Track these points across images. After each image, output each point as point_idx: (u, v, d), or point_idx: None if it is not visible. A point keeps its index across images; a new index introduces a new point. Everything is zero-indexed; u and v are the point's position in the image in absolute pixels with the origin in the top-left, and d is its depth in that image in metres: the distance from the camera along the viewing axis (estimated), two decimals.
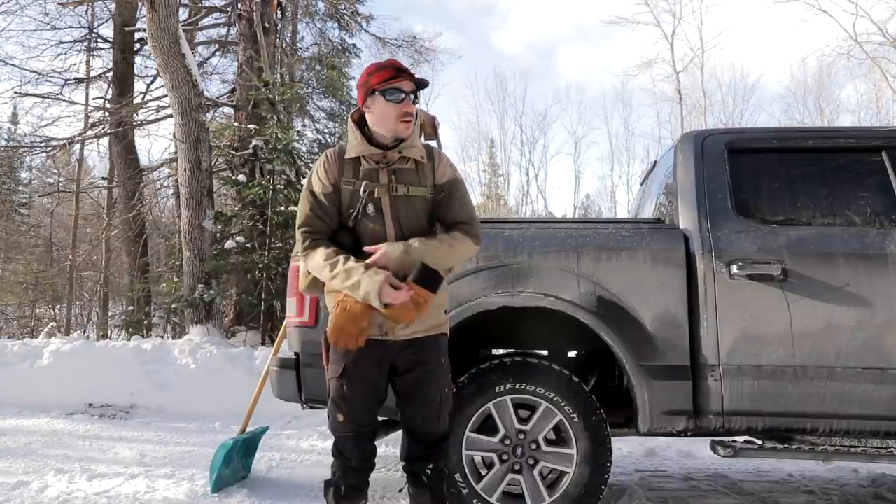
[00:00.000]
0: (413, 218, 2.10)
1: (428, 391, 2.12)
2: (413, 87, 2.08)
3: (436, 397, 2.13)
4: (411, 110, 2.08)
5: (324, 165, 2.12)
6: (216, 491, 3.14)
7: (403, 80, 2.06)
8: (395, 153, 2.09)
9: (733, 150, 2.88)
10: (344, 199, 2.10)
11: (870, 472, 3.79)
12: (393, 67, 2.09)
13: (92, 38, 12.38)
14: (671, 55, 24.31)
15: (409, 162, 2.11)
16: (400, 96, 2.05)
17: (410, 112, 2.08)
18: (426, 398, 2.12)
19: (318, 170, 2.14)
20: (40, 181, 23.51)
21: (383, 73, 2.06)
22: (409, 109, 2.07)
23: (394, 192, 2.08)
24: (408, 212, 2.09)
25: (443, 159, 2.20)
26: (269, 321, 8.27)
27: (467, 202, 2.20)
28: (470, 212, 2.18)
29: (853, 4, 24.20)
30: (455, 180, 2.17)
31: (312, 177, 2.15)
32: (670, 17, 25.32)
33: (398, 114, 2.05)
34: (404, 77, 2.06)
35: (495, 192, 30.96)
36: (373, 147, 2.09)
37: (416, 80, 2.09)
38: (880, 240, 2.65)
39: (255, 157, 8.72)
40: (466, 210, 2.17)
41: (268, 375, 3.22)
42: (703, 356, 2.62)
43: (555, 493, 2.63)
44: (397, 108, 2.05)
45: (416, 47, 14.50)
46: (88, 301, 16.18)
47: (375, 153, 2.09)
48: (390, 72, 2.06)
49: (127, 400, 5.75)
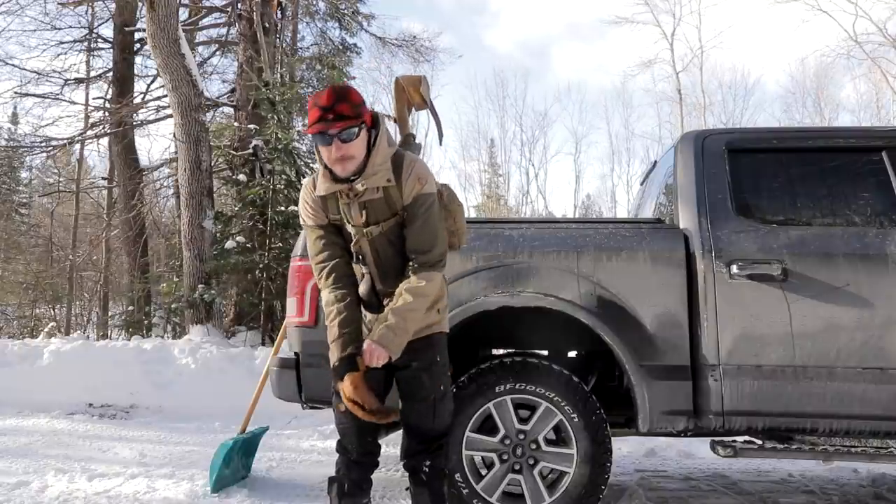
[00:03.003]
0: (392, 253, 2.11)
1: (421, 388, 2.14)
2: (344, 125, 1.92)
3: (430, 394, 2.14)
4: (346, 152, 1.95)
5: (308, 206, 2.14)
6: (216, 491, 3.14)
7: (329, 123, 1.91)
8: (359, 185, 2.02)
9: (733, 150, 2.88)
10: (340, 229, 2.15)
11: (870, 472, 3.79)
12: (318, 107, 1.93)
13: (92, 38, 12.37)
14: (671, 55, 24.34)
15: (378, 190, 2.04)
16: (327, 140, 1.95)
17: (345, 154, 1.95)
18: (420, 395, 2.15)
19: (305, 208, 2.16)
20: (40, 181, 23.51)
21: (312, 113, 1.94)
22: (341, 153, 1.95)
23: (369, 237, 2.08)
24: (386, 248, 2.10)
25: (412, 173, 2.05)
26: (269, 321, 8.26)
27: (428, 225, 2.06)
28: (427, 236, 2.05)
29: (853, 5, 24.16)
30: (417, 199, 2.04)
31: (302, 212, 2.18)
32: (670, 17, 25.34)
33: (331, 158, 1.98)
34: (329, 118, 1.91)
35: (495, 192, 30.95)
36: (337, 184, 2.05)
37: (353, 113, 1.93)
38: (880, 240, 2.65)
39: (255, 157, 8.72)
40: (422, 238, 2.05)
41: (268, 375, 3.22)
42: (703, 356, 2.62)
43: (555, 493, 2.63)
44: (328, 151, 1.97)
45: (416, 47, 14.48)
46: (88, 301, 16.17)
47: (342, 188, 2.05)
48: (316, 112, 1.93)
49: (127, 400, 5.75)
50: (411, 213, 2.05)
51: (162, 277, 10.62)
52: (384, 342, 1.97)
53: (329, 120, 1.92)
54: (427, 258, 2.05)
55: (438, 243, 2.08)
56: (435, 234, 2.08)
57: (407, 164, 2.07)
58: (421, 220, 2.05)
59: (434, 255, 2.06)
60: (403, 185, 2.04)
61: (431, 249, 2.06)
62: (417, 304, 2.02)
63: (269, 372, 3.13)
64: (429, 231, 2.07)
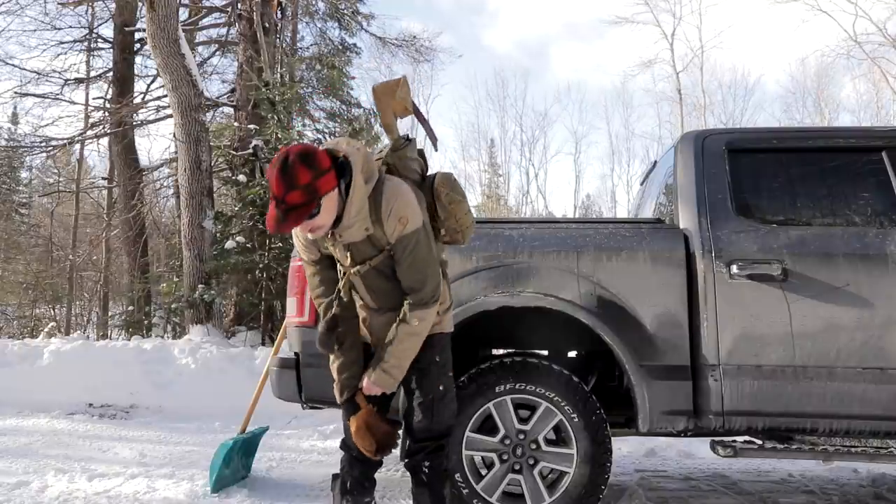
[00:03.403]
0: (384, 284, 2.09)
1: (419, 387, 2.14)
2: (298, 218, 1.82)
3: (428, 394, 2.14)
4: (313, 226, 1.89)
5: (300, 241, 2.14)
6: (216, 491, 3.14)
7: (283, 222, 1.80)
8: (337, 236, 1.99)
9: (733, 150, 2.88)
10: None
11: (870, 472, 3.79)
12: (271, 196, 1.82)
13: (92, 38, 12.37)
14: (671, 55, 24.35)
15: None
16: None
17: (313, 228, 1.90)
18: (418, 394, 2.15)
19: (297, 243, 2.17)
20: (40, 181, 23.50)
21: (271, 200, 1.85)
22: (308, 229, 1.91)
23: (358, 274, 2.07)
24: (377, 281, 2.09)
25: (391, 213, 1.95)
26: (269, 321, 8.27)
27: (415, 262, 2.00)
28: (416, 276, 2.01)
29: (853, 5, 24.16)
30: (400, 241, 1.97)
31: (296, 245, 2.19)
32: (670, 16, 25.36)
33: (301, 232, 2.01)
34: (282, 213, 1.80)
35: (495, 192, 30.96)
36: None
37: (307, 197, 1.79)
38: (880, 240, 2.65)
39: (255, 157, 8.72)
40: (411, 275, 2.01)
41: (268, 375, 3.22)
42: (703, 356, 2.62)
43: (555, 493, 2.63)
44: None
45: (415, 47, 14.48)
46: (88, 301, 16.16)
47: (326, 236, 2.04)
48: (271, 203, 1.83)
49: (127, 400, 5.75)
50: (397, 253, 2.00)
51: (162, 277, 10.62)
52: (380, 383, 2.05)
53: (282, 217, 1.80)
54: (419, 297, 2.01)
55: (429, 280, 2.02)
56: (424, 271, 2.02)
57: (386, 202, 1.96)
58: (407, 261, 2.00)
59: (426, 293, 2.02)
60: (385, 226, 1.97)
61: (422, 287, 2.01)
62: (412, 344, 2.04)
63: (269, 372, 3.13)
64: (417, 269, 2.01)
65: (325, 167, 1.84)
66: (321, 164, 1.84)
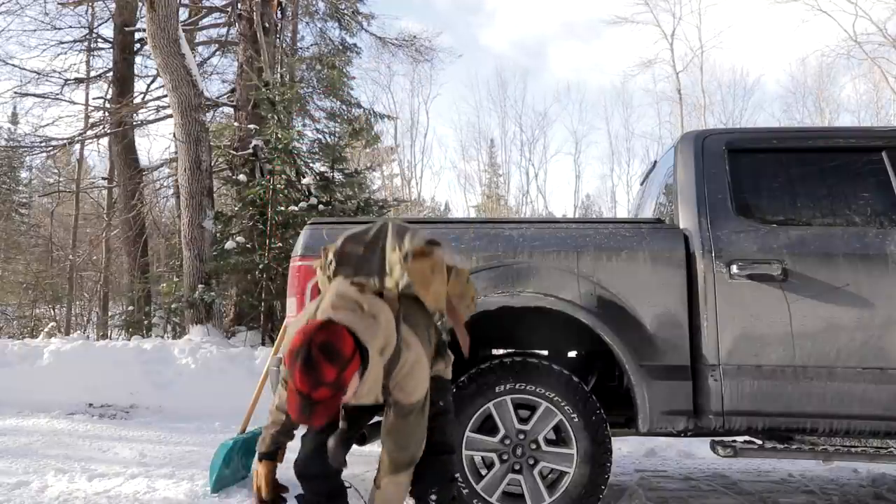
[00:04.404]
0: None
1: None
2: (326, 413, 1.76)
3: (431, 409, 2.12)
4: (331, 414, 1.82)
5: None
6: (216, 491, 3.14)
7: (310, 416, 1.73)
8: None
9: (733, 150, 2.88)
10: None
11: (870, 472, 3.79)
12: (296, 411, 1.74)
13: (92, 38, 12.36)
14: (671, 55, 24.37)
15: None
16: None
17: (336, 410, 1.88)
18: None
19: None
20: (40, 181, 23.50)
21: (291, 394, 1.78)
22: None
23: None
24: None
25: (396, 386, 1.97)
26: (269, 321, 8.26)
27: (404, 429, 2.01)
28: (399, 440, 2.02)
29: (853, 5, 24.17)
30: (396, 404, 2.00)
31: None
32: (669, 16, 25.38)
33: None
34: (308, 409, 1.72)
35: (495, 192, 30.96)
36: None
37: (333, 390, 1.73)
38: (880, 240, 2.65)
39: (255, 157, 8.72)
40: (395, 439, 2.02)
41: (268, 375, 3.22)
42: (704, 356, 2.62)
43: (555, 493, 2.63)
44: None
45: (415, 46, 14.48)
46: (88, 301, 16.16)
47: None
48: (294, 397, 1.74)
49: (127, 400, 5.75)
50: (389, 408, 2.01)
51: (162, 277, 10.62)
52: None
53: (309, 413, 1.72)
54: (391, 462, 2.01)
55: (411, 448, 2.02)
56: (409, 440, 2.02)
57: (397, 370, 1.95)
58: (397, 423, 2.00)
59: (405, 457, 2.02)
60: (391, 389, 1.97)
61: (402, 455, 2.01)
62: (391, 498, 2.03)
63: (268, 372, 3.13)
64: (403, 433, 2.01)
65: (347, 356, 1.76)
66: (344, 355, 1.75)
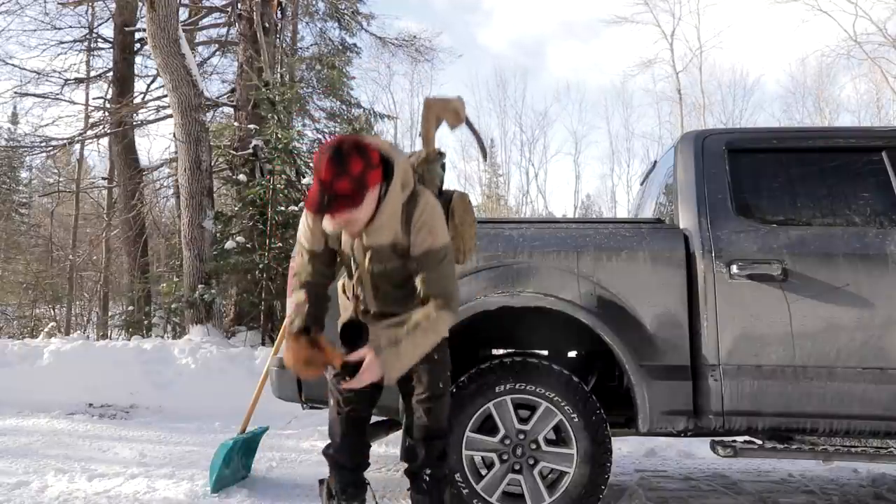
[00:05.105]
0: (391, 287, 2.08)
1: (420, 384, 2.14)
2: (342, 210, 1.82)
3: (424, 393, 2.13)
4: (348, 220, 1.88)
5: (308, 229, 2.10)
6: (216, 491, 3.14)
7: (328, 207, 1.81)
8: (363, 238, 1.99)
9: (733, 150, 2.88)
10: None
11: (870, 472, 3.79)
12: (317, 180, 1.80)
13: (92, 38, 12.37)
14: (671, 55, 24.37)
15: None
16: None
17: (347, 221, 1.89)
18: (419, 391, 2.14)
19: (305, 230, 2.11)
20: (40, 181, 23.50)
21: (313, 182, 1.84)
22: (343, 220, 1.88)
23: (371, 272, 2.05)
24: (386, 282, 2.07)
25: (423, 225, 1.95)
26: (269, 321, 8.27)
27: (443, 275, 1.98)
28: (445, 285, 1.98)
29: (853, 5, 24.16)
30: (428, 253, 1.95)
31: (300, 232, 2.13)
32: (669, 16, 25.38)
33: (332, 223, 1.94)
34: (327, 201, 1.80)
35: (495, 192, 30.96)
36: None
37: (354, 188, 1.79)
38: (880, 240, 2.65)
39: (255, 157, 8.73)
40: (441, 284, 1.97)
41: (268, 375, 3.22)
42: (704, 356, 2.62)
43: (555, 493, 2.63)
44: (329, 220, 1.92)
45: (415, 46, 14.49)
46: (88, 301, 16.16)
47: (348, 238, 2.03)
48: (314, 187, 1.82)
49: (127, 400, 5.75)
50: (422, 264, 1.97)
51: (162, 277, 10.63)
52: (388, 366, 1.90)
53: (326, 204, 1.80)
54: (448, 304, 1.98)
55: (455, 291, 2.04)
56: (453, 283, 2.03)
57: (419, 213, 1.96)
58: (437, 272, 1.97)
59: (454, 302, 2.01)
60: (413, 236, 1.96)
61: (450, 297, 1.99)
62: (428, 341, 1.96)
63: (268, 372, 3.13)
64: (446, 279, 1.99)
65: (375, 162, 1.85)
66: (373, 159, 1.84)
